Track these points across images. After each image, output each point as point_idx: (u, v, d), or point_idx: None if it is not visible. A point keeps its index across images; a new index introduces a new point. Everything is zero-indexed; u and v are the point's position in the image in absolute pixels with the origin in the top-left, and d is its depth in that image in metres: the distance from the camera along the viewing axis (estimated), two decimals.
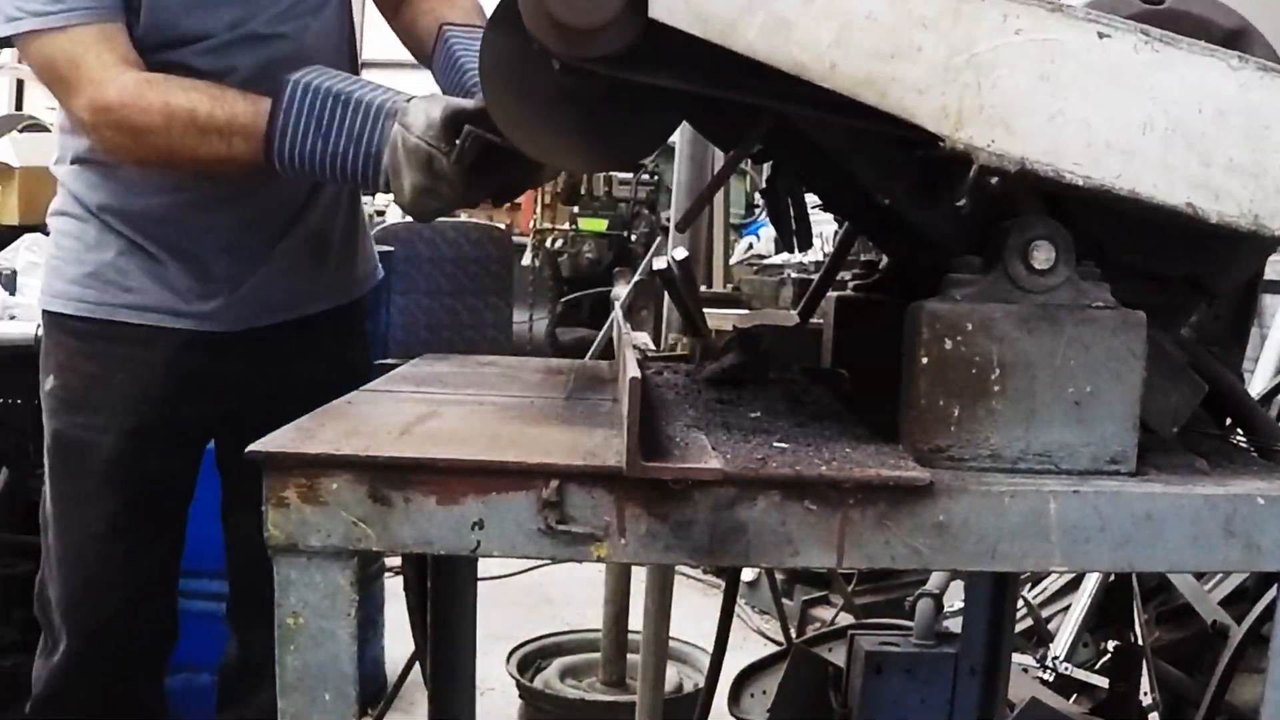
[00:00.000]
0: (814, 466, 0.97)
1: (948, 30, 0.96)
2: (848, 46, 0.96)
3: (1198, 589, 2.88)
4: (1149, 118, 0.97)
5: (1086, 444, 1.01)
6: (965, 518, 0.97)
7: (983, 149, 0.97)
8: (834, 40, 0.96)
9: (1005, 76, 0.96)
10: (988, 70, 0.96)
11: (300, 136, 1.45)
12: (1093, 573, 2.82)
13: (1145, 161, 0.97)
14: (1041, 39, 0.96)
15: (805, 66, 0.97)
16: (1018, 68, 0.96)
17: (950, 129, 0.97)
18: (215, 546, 2.87)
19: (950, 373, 1.01)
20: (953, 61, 0.96)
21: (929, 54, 0.96)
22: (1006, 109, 0.96)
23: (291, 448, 0.96)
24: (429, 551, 0.98)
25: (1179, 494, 0.98)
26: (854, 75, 0.96)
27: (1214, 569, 2.47)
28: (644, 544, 0.96)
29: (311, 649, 0.95)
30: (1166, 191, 0.98)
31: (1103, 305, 1.02)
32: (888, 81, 0.96)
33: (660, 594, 2.76)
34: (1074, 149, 0.97)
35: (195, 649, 2.93)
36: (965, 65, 0.96)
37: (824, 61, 0.96)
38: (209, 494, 2.87)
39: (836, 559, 0.97)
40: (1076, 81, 0.96)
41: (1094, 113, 0.97)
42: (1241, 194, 0.98)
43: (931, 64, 0.96)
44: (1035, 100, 0.96)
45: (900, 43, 0.96)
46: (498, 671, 3.21)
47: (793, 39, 0.96)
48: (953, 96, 0.96)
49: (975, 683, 2.07)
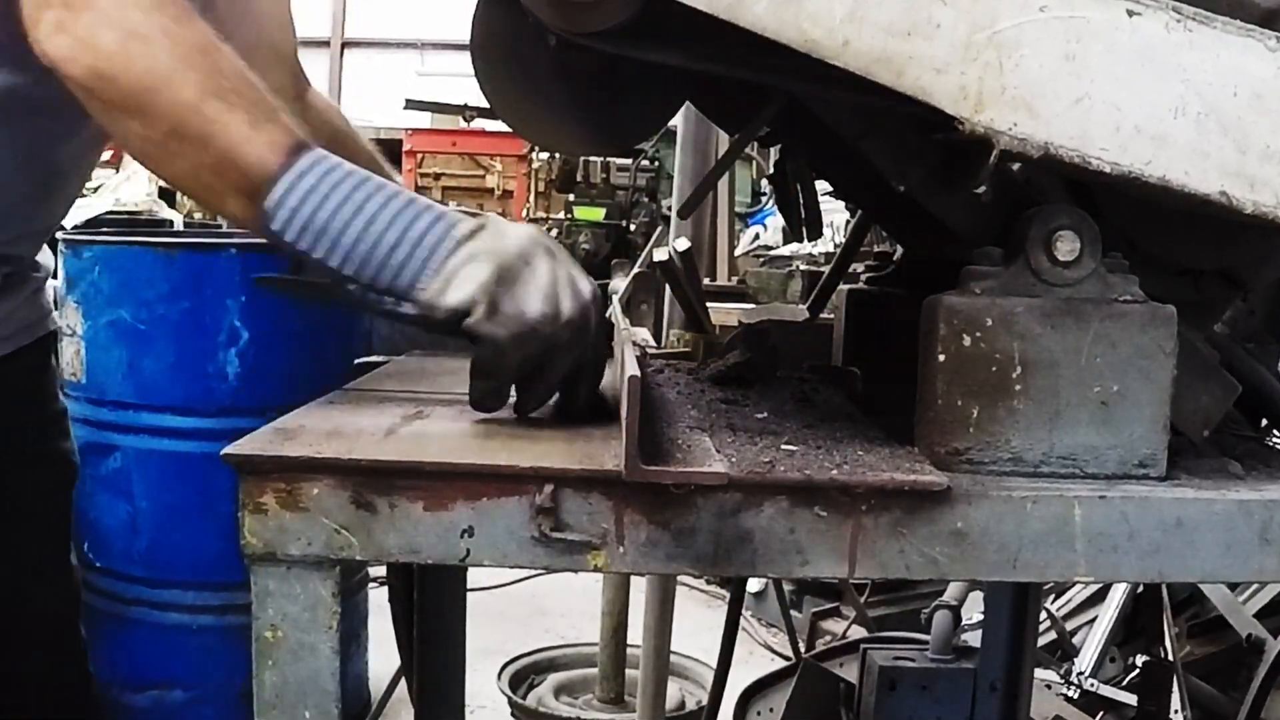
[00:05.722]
0: (824, 470, 0.97)
1: (968, 6, 0.96)
2: (862, 22, 0.96)
3: (1231, 600, 2.88)
4: (1181, 101, 0.97)
5: (1113, 446, 1.01)
6: (985, 525, 0.97)
7: (1004, 132, 0.97)
8: (847, 15, 0.96)
9: (1028, 56, 0.96)
10: (1010, 49, 0.96)
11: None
12: (1120, 583, 2.82)
13: (1176, 147, 0.97)
14: (1068, 16, 0.96)
15: (817, 43, 0.96)
16: (1041, 47, 0.96)
17: (970, 111, 0.96)
18: (186, 557, 2.89)
19: (969, 371, 1.01)
20: (973, 39, 0.96)
21: (948, 31, 0.96)
22: (1030, 90, 0.96)
23: (269, 450, 0.96)
24: (415, 561, 0.98)
25: (1212, 499, 0.98)
26: (868, 52, 0.96)
27: (1249, 579, 2.48)
28: (644, 553, 0.96)
29: (291, 664, 0.95)
30: (1199, 179, 0.97)
31: (1131, 300, 1.02)
32: (904, 60, 0.96)
33: (661, 606, 2.77)
34: (1101, 134, 0.97)
35: (167, 664, 2.96)
36: (986, 44, 0.96)
37: (837, 37, 0.96)
38: (173, 506, 2.89)
39: (848, 569, 0.97)
40: (1104, 62, 0.96)
41: (1122, 95, 0.96)
42: (1279, 182, 0.98)
43: (951, 42, 0.96)
44: (1060, 82, 0.96)
45: (918, 19, 0.96)
46: (489, 688, 3.21)
47: (804, 13, 0.96)
48: (973, 77, 0.96)
49: (995, 700, 2.07)
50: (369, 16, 12.07)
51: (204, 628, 2.91)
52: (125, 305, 2.83)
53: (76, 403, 2.99)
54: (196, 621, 2.92)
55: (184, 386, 2.85)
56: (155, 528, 2.90)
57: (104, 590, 2.98)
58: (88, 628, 3.14)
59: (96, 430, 2.92)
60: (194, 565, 2.88)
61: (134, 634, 2.95)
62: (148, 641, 2.94)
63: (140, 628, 2.94)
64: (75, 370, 2.94)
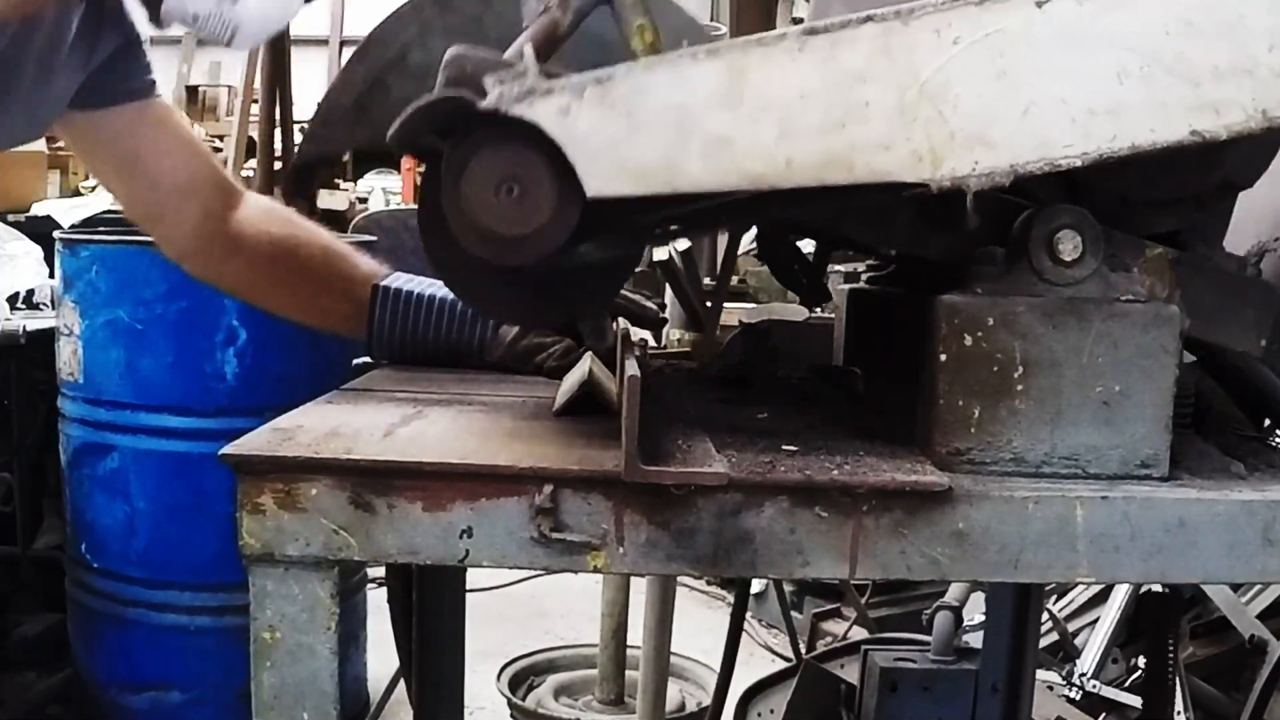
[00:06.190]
0: (825, 471, 0.97)
1: (885, 72, 0.93)
2: (795, 135, 0.93)
3: (1234, 601, 2.88)
4: (1119, 64, 0.95)
5: (1116, 446, 1.01)
6: (986, 525, 0.97)
7: (970, 175, 0.94)
8: (778, 134, 0.93)
9: (963, 93, 0.94)
10: (942, 95, 0.94)
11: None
12: (1122, 584, 2.82)
13: (1134, 110, 0.95)
14: (983, 36, 0.94)
15: (763, 176, 0.93)
16: (971, 78, 0.94)
17: (930, 171, 0.94)
18: (184, 558, 2.89)
19: (970, 371, 1.01)
20: (905, 102, 0.93)
21: (878, 105, 0.93)
22: (977, 124, 0.94)
23: (267, 450, 0.96)
24: (414, 561, 0.98)
25: (1214, 500, 0.98)
26: (813, 161, 0.93)
27: (1251, 580, 2.48)
28: (644, 553, 0.96)
29: (289, 665, 0.96)
30: (1166, 129, 0.95)
31: (1132, 299, 1.02)
32: (849, 151, 0.93)
33: (661, 606, 2.77)
34: (1059, 133, 0.95)
35: (164, 665, 2.96)
36: (918, 100, 0.94)
37: (778, 161, 0.93)
38: (171, 507, 2.89)
39: (849, 569, 0.97)
40: (1034, 63, 0.94)
41: (1064, 86, 0.95)
42: (1242, 97, 0.95)
43: (885, 114, 0.93)
44: (1002, 102, 0.94)
45: (846, 106, 0.93)
46: (488, 690, 3.21)
47: (738, 153, 0.93)
48: (919, 138, 0.94)
49: (997, 701, 2.07)
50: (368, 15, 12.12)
51: (202, 629, 2.92)
52: (123, 305, 2.83)
53: (74, 402, 3.00)
54: (194, 622, 2.92)
55: (182, 386, 2.86)
56: (153, 528, 2.90)
57: (101, 591, 2.98)
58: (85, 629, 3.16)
59: (94, 430, 2.93)
60: (192, 566, 2.89)
61: (131, 635, 2.95)
62: (145, 643, 2.95)
63: (138, 629, 2.94)
64: (72, 370, 2.94)
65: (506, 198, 0.93)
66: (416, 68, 1.23)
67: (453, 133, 0.94)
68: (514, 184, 0.92)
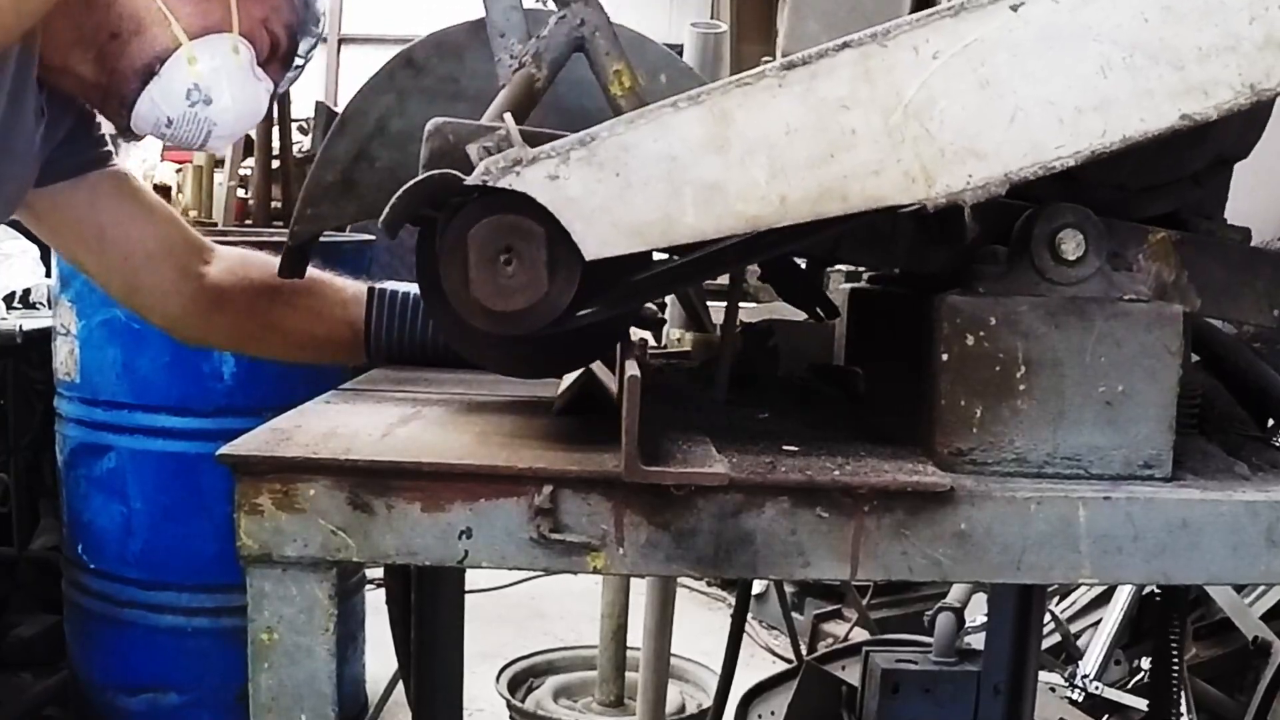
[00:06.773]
0: (826, 471, 0.97)
1: (868, 96, 0.93)
2: (785, 171, 0.93)
3: (1237, 602, 2.88)
4: (1102, 58, 0.94)
5: (1118, 447, 1.01)
6: (988, 526, 0.97)
7: (964, 190, 0.94)
8: (770, 173, 0.93)
9: (947, 107, 0.93)
10: (927, 111, 0.93)
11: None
12: (1125, 585, 2.82)
13: (1121, 103, 0.95)
14: (962, 47, 0.93)
15: (759, 217, 0.93)
16: (954, 91, 0.93)
17: (924, 190, 0.94)
18: (181, 559, 2.89)
19: (972, 370, 1.01)
20: (891, 124, 0.93)
21: (864, 130, 0.93)
22: (965, 137, 0.94)
23: (265, 451, 0.96)
24: (413, 562, 0.98)
25: (1218, 500, 0.98)
26: (807, 195, 0.93)
27: (1255, 581, 2.48)
28: (644, 554, 0.96)
29: (287, 667, 0.96)
30: (1155, 118, 0.95)
31: (1135, 298, 1.02)
32: (841, 181, 0.93)
33: (661, 608, 2.77)
34: (1048, 135, 0.95)
35: (161, 667, 2.96)
36: (904, 120, 0.93)
37: (772, 200, 0.93)
38: (168, 508, 2.89)
39: (850, 570, 0.97)
40: (1016, 69, 0.94)
41: (1049, 88, 0.94)
42: (1228, 74, 0.95)
43: (872, 138, 0.93)
44: (988, 112, 0.94)
45: (832, 135, 0.93)
46: (487, 691, 3.21)
47: (731, 196, 0.93)
48: (909, 158, 0.93)
49: (999, 703, 2.07)
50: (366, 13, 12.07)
51: (199, 630, 2.92)
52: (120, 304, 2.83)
53: (70, 402, 2.99)
54: (191, 624, 2.92)
55: (179, 386, 2.85)
56: (150, 529, 2.90)
57: (98, 592, 2.98)
58: (82, 630, 3.16)
59: (91, 430, 2.93)
60: (189, 567, 2.88)
61: (128, 636, 2.95)
62: (142, 644, 2.95)
63: (135, 630, 2.94)
64: (69, 370, 2.94)
65: (504, 270, 0.92)
66: (398, 135, 1.22)
67: (443, 208, 0.94)
68: (510, 255, 0.92)
